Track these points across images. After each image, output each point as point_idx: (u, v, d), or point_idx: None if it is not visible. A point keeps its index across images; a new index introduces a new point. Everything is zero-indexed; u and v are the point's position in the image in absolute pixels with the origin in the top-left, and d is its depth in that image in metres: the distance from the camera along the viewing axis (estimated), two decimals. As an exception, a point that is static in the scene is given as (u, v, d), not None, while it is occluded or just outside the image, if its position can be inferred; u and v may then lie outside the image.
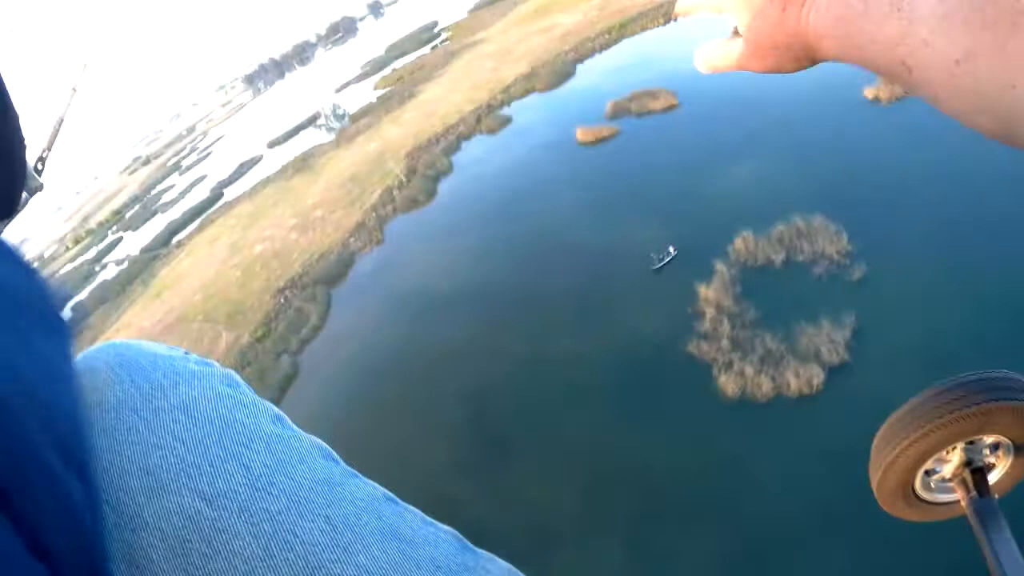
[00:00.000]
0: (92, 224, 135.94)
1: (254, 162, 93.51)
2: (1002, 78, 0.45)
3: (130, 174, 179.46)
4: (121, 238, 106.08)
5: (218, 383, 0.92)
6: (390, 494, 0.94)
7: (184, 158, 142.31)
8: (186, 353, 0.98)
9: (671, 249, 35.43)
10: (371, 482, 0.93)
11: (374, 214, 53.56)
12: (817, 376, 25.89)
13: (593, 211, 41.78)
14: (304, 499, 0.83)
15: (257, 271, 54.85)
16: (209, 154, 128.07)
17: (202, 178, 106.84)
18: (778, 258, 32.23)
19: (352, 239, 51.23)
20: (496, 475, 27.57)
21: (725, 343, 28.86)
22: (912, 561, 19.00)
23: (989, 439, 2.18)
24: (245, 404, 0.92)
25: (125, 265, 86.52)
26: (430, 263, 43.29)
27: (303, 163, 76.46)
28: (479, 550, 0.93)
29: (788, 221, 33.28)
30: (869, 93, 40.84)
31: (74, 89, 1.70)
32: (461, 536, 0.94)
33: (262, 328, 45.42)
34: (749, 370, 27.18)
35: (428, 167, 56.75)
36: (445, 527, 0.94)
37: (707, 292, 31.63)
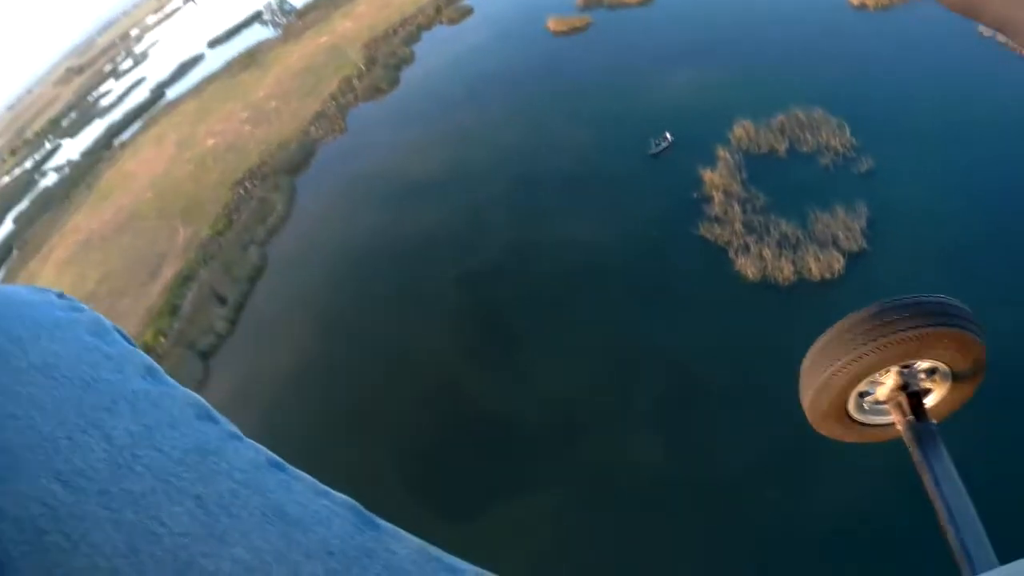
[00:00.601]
0: (28, 135, 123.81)
1: (195, 61, 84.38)
2: None
3: (64, 85, 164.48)
4: (59, 145, 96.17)
5: (84, 333, 0.74)
6: (276, 458, 0.74)
7: (120, 64, 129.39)
8: (60, 295, 0.79)
9: (667, 135, 31.96)
10: (255, 444, 0.74)
11: (334, 103, 47.60)
12: (838, 261, 23.77)
13: (575, 98, 37.41)
14: (172, 475, 0.66)
15: (211, 165, 48.69)
16: (146, 58, 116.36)
17: (141, 81, 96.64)
18: (781, 147, 29.50)
19: (312, 128, 45.40)
20: (508, 364, 24.13)
21: (739, 227, 26.24)
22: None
23: (925, 364, 2.08)
24: (111, 356, 0.73)
25: (67, 171, 78.05)
26: (401, 149, 38.29)
27: (250, 59, 68.61)
28: (382, 523, 0.73)
29: (787, 112, 30.32)
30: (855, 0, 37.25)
31: None
32: (359, 506, 0.74)
33: (222, 220, 40.00)
34: (768, 253, 24.83)
35: (388, 56, 50.69)
36: (342, 497, 0.74)
37: (712, 177, 28.73)
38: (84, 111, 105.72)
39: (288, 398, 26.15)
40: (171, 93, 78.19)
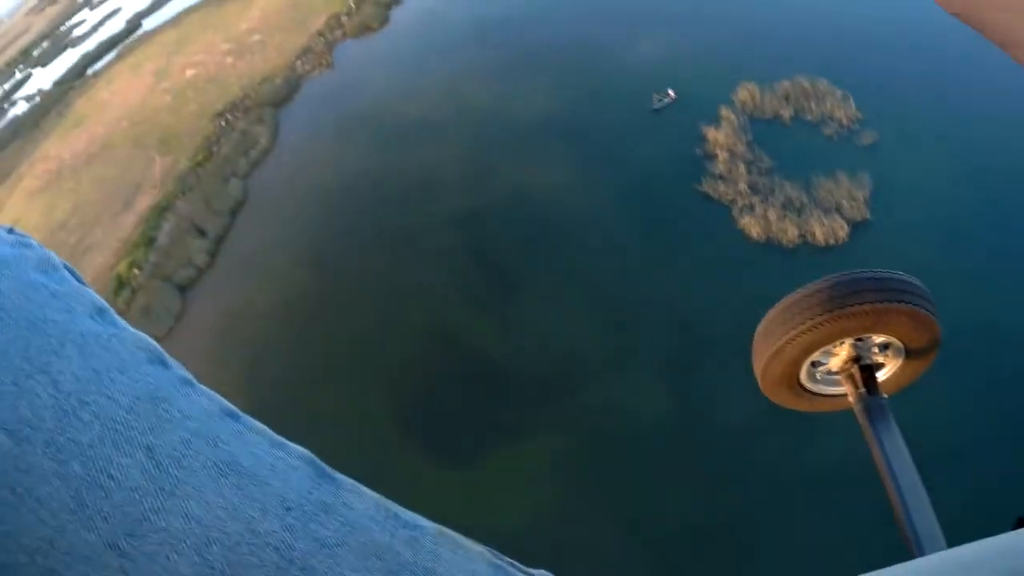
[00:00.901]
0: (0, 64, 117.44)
1: (175, -7, 79.98)
2: None
3: (36, 15, 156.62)
4: (30, 75, 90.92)
5: (31, 270, 0.68)
6: (230, 407, 0.70)
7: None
8: (9, 230, 0.74)
9: (670, 91, 30.58)
10: (208, 391, 0.69)
11: (321, 38, 44.91)
12: (842, 228, 23.35)
13: (573, 49, 35.67)
14: (122, 424, 0.61)
15: (190, 96, 45.89)
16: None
17: (116, 11, 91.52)
18: (786, 114, 28.54)
19: (299, 63, 42.79)
20: (506, 309, 23.00)
21: (743, 186, 25.39)
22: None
23: (879, 338, 2.08)
24: (59, 296, 0.68)
25: (37, 100, 73.77)
26: (392, 88, 36.17)
27: (233, -9, 64.86)
28: (339, 477, 0.68)
29: (791, 79, 29.27)
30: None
31: None
32: (316, 459, 0.69)
33: (202, 152, 37.61)
34: (772, 215, 24.12)
35: (379, -6, 47.86)
36: (298, 449, 0.69)
37: (716, 135, 27.69)
38: (56, 41, 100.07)
39: (273, 335, 24.62)
40: (148, 24, 74.14)
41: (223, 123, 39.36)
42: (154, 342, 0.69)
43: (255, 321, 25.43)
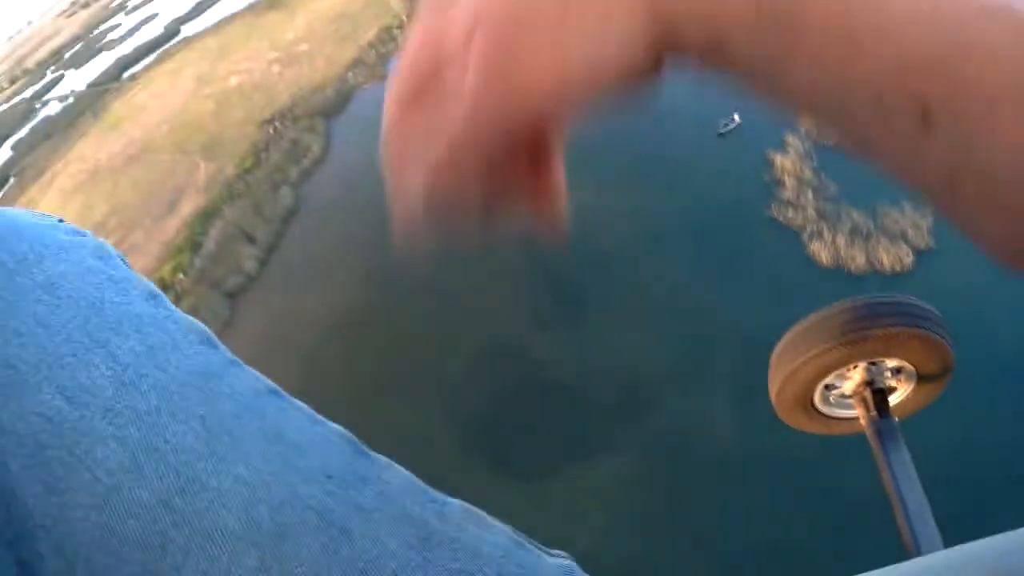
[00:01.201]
0: (29, 64, 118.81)
1: (213, 0, 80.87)
2: None
3: (68, 17, 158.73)
4: (62, 76, 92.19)
5: (88, 256, 0.72)
6: (274, 386, 0.73)
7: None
8: (59, 221, 0.77)
9: (735, 116, 30.19)
10: (254, 372, 0.73)
11: (373, 51, 44.88)
12: (907, 256, 23.42)
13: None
14: (176, 395, 0.65)
15: (235, 103, 45.84)
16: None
17: (153, 16, 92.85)
18: None
19: (350, 74, 42.69)
20: (575, 327, 22.32)
21: (812, 213, 25.28)
22: None
23: (892, 362, 2.09)
24: (116, 280, 0.72)
25: (71, 101, 74.37)
26: (449, 102, 35.80)
27: (274, 0, 65.43)
28: (375, 455, 0.73)
29: None
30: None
31: None
32: (354, 438, 0.73)
33: (250, 159, 37.34)
34: (841, 241, 24.22)
35: (431, 7, 47.88)
36: (336, 427, 0.73)
37: (784, 161, 27.56)
38: (90, 44, 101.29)
39: (328, 346, 24.01)
40: (187, 30, 74.63)
41: (271, 131, 39.14)
42: (203, 326, 0.71)
43: (308, 332, 24.85)
